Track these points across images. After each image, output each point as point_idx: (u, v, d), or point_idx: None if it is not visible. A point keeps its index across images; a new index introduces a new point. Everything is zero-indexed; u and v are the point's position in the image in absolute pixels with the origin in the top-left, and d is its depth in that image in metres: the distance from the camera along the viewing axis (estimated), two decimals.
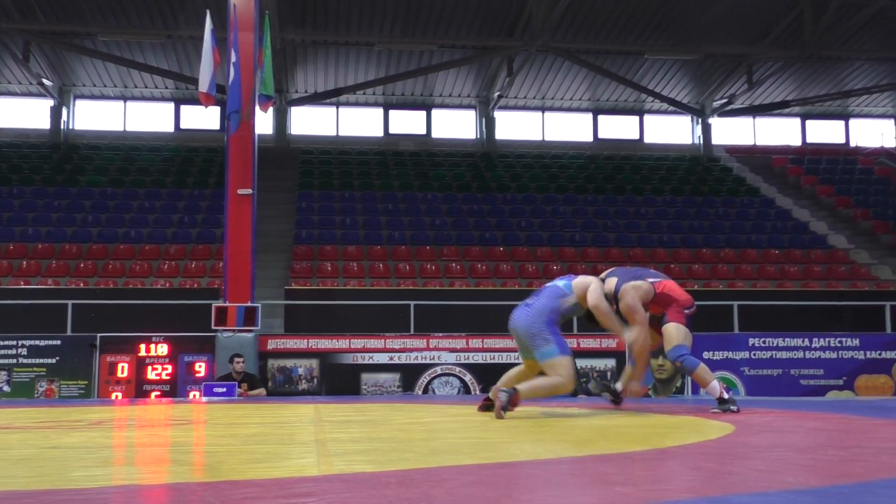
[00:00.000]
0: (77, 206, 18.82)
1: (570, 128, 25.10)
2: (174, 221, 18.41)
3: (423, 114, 24.62)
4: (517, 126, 24.86)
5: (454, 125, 24.72)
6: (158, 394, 11.23)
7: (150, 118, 23.73)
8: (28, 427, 5.29)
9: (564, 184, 21.55)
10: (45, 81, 22.17)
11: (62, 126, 23.11)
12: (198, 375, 11.28)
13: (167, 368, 11.35)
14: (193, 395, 10.87)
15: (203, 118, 23.07)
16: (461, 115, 24.77)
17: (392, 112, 24.50)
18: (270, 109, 15.29)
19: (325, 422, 5.42)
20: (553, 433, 4.65)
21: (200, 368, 11.34)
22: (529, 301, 5.93)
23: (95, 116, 23.64)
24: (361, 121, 24.45)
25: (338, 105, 24.12)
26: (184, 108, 23.76)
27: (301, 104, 23.30)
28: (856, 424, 5.19)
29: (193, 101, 22.26)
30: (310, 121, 24.14)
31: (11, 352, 11.37)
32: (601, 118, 25.21)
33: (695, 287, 14.62)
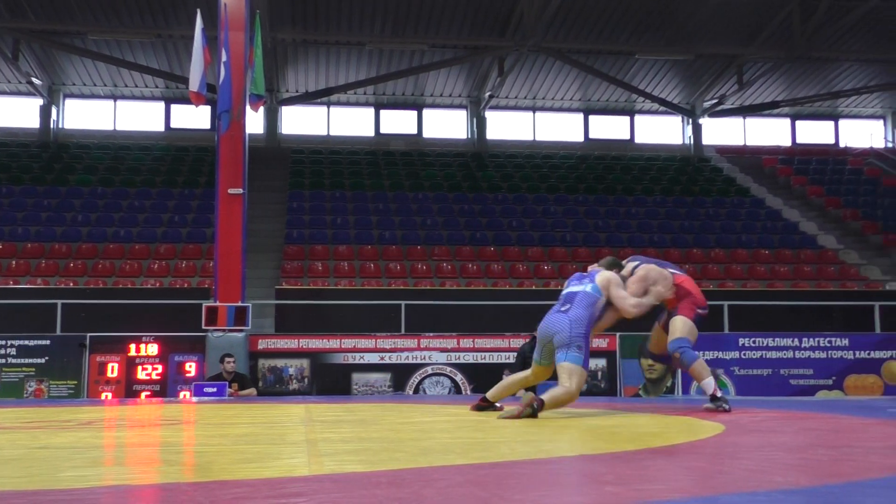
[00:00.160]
0: (66, 206, 18.74)
1: (561, 128, 25.14)
2: (164, 221, 18.36)
3: (414, 114, 24.62)
4: (508, 126, 24.88)
5: (445, 125, 24.72)
6: (148, 394, 11.19)
7: (141, 117, 23.66)
8: (17, 427, 5.26)
9: (555, 184, 21.57)
10: (35, 80, 22.07)
11: (52, 125, 23.01)
12: (188, 375, 11.25)
13: (157, 368, 11.32)
14: (184, 395, 10.84)
15: (193, 117, 23.00)
16: (452, 115, 24.77)
17: (383, 112, 24.49)
18: (261, 109, 15.26)
19: (316, 422, 5.42)
20: (544, 433, 4.65)
21: (191, 368, 11.32)
22: (563, 308, 5.96)
23: (85, 115, 23.55)
24: (352, 120, 24.43)
25: (329, 105, 24.10)
26: (174, 108, 23.69)
27: (292, 104, 23.26)
28: (845, 424, 5.21)
29: (184, 101, 22.17)
30: (300, 120, 24.10)
31: (0, 352, 11.32)
32: (592, 118, 25.25)
33: None
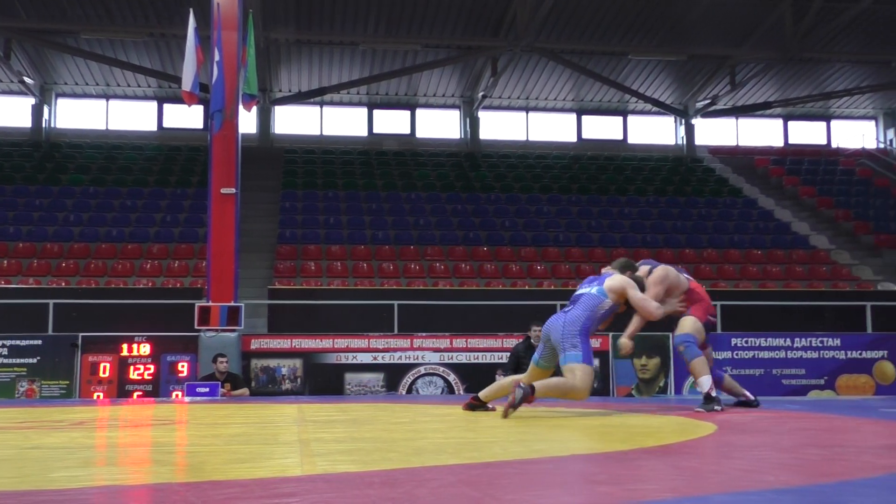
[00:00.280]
0: (59, 205, 18.68)
1: (554, 128, 25.16)
2: (157, 221, 18.31)
3: (408, 113, 24.61)
4: (501, 126, 24.89)
5: (438, 125, 24.72)
6: (141, 394, 11.16)
7: (133, 117, 23.60)
8: (9, 427, 5.24)
9: (548, 184, 21.59)
10: (27, 79, 22.00)
11: (44, 124, 22.94)
12: (180, 375, 11.23)
13: (150, 368, 11.29)
14: (176, 395, 10.82)
15: (186, 117, 22.96)
16: (445, 115, 24.77)
17: (376, 112, 24.47)
18: (254, 108, 15.25)
19: (309, 422, 5.41)
20: (537, 433, 4.65)
21: (183, 368, 11.29)
22: (567, 308, 6.02)
23: (77, 115, 23.48)
24: (345, 120, 24.41)
25: (322, 104, 24.07)
26: (167, 107, 23.65)
27: (285, 103, 23.23)
28: (837, 424, 5.23)
29: (176, 100, 22.13)
30: (293, 120, 24.08)
31: None
32: (585, 118, 25.28)
33: None
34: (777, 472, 2.94)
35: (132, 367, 11.28)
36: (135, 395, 11.12)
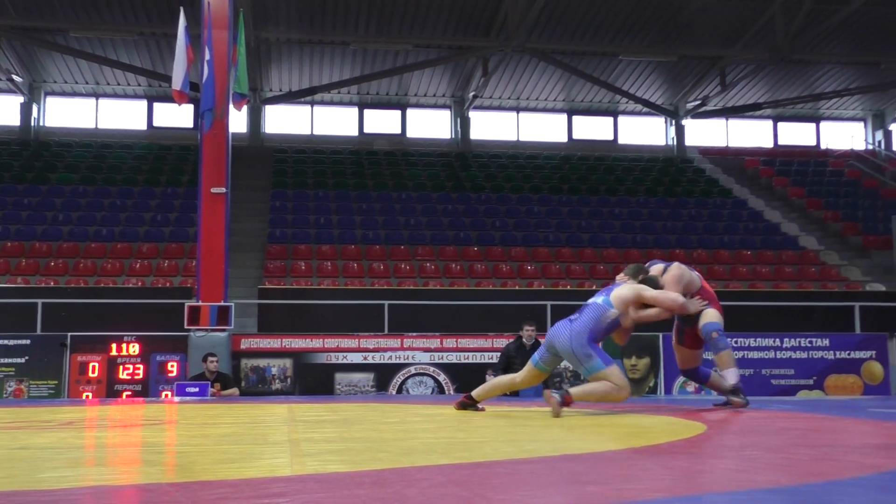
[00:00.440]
0: (48, 204, 18.60)
1: (545, 128, 25.19)
2: (147, 220, 18.25)
3: (398, 113, 24.60)
4: (492, 126, 24.91)
5: (429, 125, 24.72)
6: (130, 394, 11.12)
7: (123, 116, 23.52)
8: None
9: (539, 184, 21.61)
10: (15, 77, 21.89)
11: (32, 123, 22.85)
12: (170, 375, 11.19)
13: (139, 368, 11.25)
14: (166, 395, 10.79)
15: (176, 116, 22.90)
16: (436, 115, 24.77)
17: (367, 111, 24.46)
18: (244, 108, 15.18)
19: (299, 422, 5.40)
20: (527, 433, 4.66)
21: (173, 368, 11.25)
22: (572, 317, 5.98)
23: (67, 113, 23.39)
24: (336, 120, 24.39)
25: (312, 104, 24.04)
26: (157, 106, 23.57)
27: (275, 103, 23.20)
28: (825, 424, 5.25)
29: (166, 99, 22.07)
30: (284, 120, 24.04)
31: None
32: (576, 119, 25.32)
33: None
34: (766, 472, 2.95)
35: (121, 367, 11.23)
36: (124, 395, 11.08)
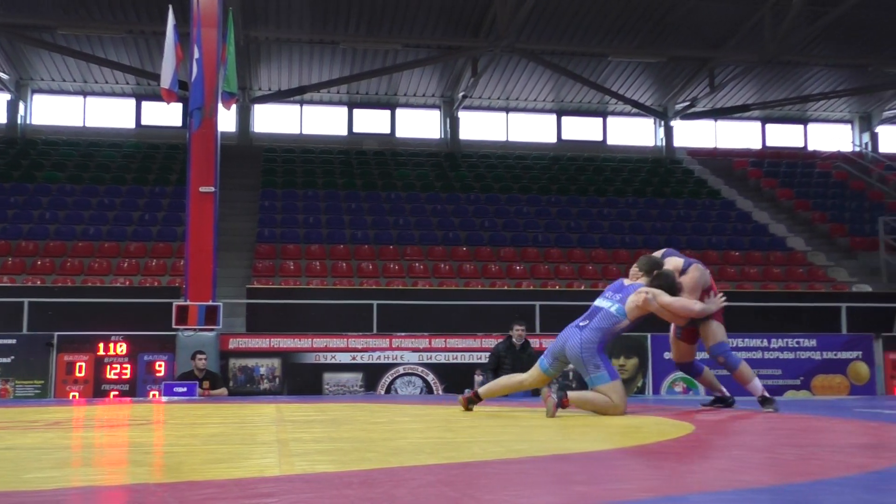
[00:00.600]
0: (34, 203, 18.50)
1: (534, 129, 25.22)
2: (134, 219, 18.16)
3: (388, 113, 24.58)
4: (481, 126, 24.92)
5: (418, 125, 24.71)
6: (117, 394, 11.08)
7: (111, 114, 23.41)
8: None
9: (528, 184, 21.64)
10: (2, 75, 21.76)
11: (19, 120, 22.71)
12: (158, 375, 11.15)
13: (126, 368, 11.20)
14: (153, 395, 10.75)
15: (165, 115, 22.80)
16: (425, 115, 24.77)
17: (356, 111, 24.42)
18: (233, 107, 15.15)
19: (287, 421, 5.39)
20: (515, 433, 4.66)
21: (160, 368, 11.21)
22: (582, 323, 5.98)
23: (54, 111, 23.26)
24: (325, 119, 24.35)
25: (301, 103, 24.00)
26: (145, 105, 23.47)
27: (264, 102, 23.14)
28: (812, 424, 5.28)
29: (155, 98, 21.97)
30: (273, 119, 23.98)
31: None
32: (565, 119, 25.36)
33: None
34: (753, 472, 2.96)
35: (109, 367, 11.18)
36: (111, 395, 11.03)
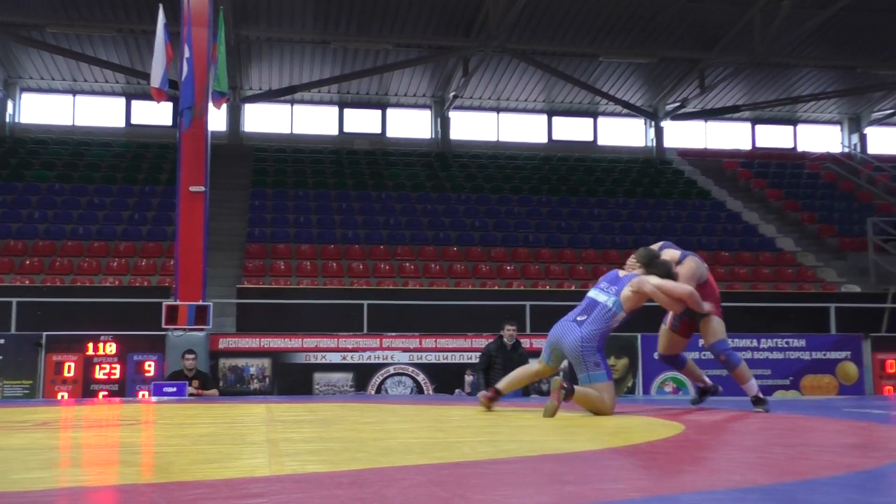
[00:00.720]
0: (23, 202, 18.41)
1: (525, 129, 25.23)
2: (124, 218, 18.10)
3: (378, 113, 24.56)
4: (472, 126, 24.92)
5: (409, 125, 24.69)
6: (106, 394, 11.04)
7: (100, 113, 23.31)
8: None
9: (518, 185, 21.65)
10: None
11: (8, 119, 22.60)
12: (147, 375, 11.12)
13: (116, 368, 11.16)
14: (143, 395, 10.71)
15: (155, 114, 22.71)
16: (416, 115, 24.75)
17: (347, 111, 24.39)
18: (224, 106, 15.11)
19: (277, 422, 5.38)
20: (506, 433, 4.66)
21: (150, 368, 11.18)
22: (580, 318, 5.90)
23: (43, 110, 23.15)
24: (316, 119, 24.31)
25: (292, 103, 23.96)
26: (135, 104, 23.38)
27: (255, 101, 23.09)
28: (801, 423, 5.30)
29: (145, 97, 21.89)
30: (264, 118, 23.93)
31: None
32: (556, 120, 25.38)
33: None
34: (743, 472, 2.97)
35: (98, 367, 11.14)
36: (100, 395, 10.99)
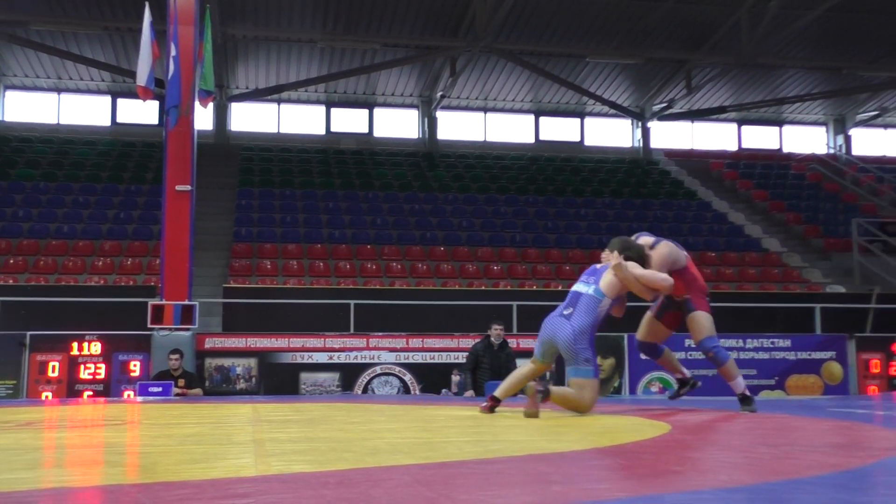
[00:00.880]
0: (7, 201, 18.28)
1: (512, 129, 25.26)
2: (110, 217, 18.01)
3: (366, 112, 24.53)
4: (459, 126, 24.92)
5: (396, 124, 24.68)
6: (91, 394, 10.98)
7: (86, 111, 23.19)
8: None
9: (506, 185, 21.67)
10: None
11: None
12: (132, 375, 11.06)
13: (101, 368, 11.10)
14: (128, 395, 10.66)
15: (141, 112, 22.61)
16: (403, 115, 24.74)
17: (334, 110, 24.35)
18: (210, 105, 15.06)
19: (264, 421, 5.36)
20: (492, 433, 4.66)
21: (135, 367, 11.13)
22: (566, 312, 5.85)
23: (27, 108, 23.00)
24: (303, 118, 24.26)
25: (279, 102, 23.90)
26: (121, 102, 23.26)
27: (242, 100, 23.02)
28: (787, 423, 5.32)
29: (131, 95, 21.74)
30: (250, 117, 23.86)
31: None
32: (543, 120, 25.42)
33: None
34: (729, 471, 2.98)
35: (82, 367, 11.08)
36: (85, 395, 10.93)
